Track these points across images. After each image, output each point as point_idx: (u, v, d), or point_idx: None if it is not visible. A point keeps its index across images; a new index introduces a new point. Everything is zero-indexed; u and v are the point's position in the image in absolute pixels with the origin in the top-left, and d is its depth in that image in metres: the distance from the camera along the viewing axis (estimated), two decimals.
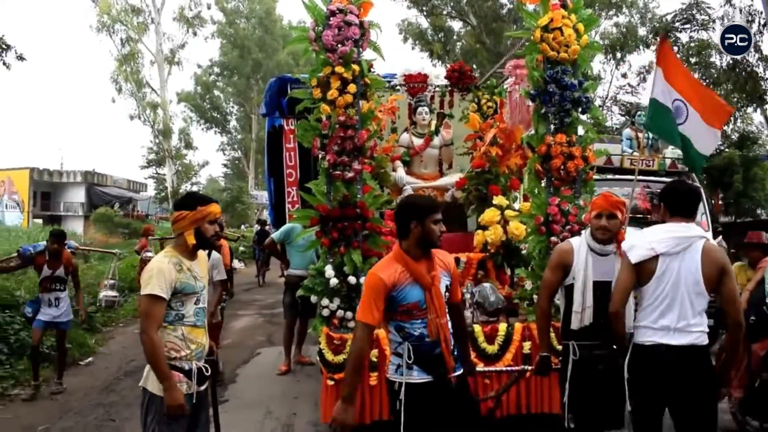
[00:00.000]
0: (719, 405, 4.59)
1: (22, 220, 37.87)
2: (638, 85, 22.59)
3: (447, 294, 3.26)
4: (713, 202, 13.64)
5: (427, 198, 3.61)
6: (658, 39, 6.02)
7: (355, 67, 5.15)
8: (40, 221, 36.86)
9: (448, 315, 3.25)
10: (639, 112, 10.97)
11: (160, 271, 3.10)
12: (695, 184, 9.43)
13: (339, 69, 5.09)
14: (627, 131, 10.65)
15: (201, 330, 3.30)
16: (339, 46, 5.09)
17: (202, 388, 3.26)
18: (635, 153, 9.83)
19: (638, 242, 3.42)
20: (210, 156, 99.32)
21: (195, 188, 38.33)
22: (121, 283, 12.98)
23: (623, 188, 8.81)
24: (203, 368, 3.25)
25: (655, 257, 3.34)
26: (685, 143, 5.49)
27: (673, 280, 3.31)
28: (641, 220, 7.77)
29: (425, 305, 3.13)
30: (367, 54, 5.39)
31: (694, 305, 3.31)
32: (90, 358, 8.39)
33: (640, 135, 10.00)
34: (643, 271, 3.37)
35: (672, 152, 9.33)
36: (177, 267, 3.17)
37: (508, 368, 4.93)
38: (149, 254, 10.74)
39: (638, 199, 7.84)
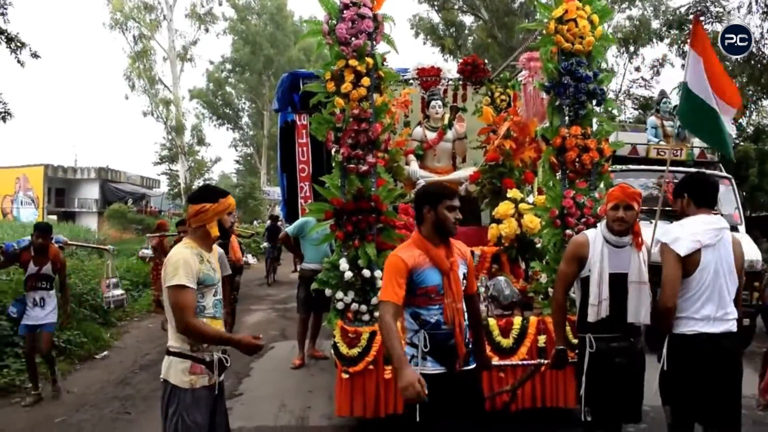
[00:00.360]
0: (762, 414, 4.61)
1: (37, 216, 38.14)
2: (651, 78, 22.52)
3: (464, 282, 3.29)
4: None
5: (444, 186, 3.60)
6: (692, 19, 5.83)
7: (369, 60, 5.13)
8: (54, 217, 37.11)
9: (464, 304, 3.27)
10: (664, 99, 10.37)
11: (186, 262, 3.11)
12: (724, 174, 9.20)
13: (353, 62, 5.08)
14: (652, 119, 10.13)
15: (219, 321, 3.33)
16: (353, 39, 5.08)
17: (221, 378, 3.29)
18: (661, 142, 9.51)
19: (681, 235, 3.45)
20: (222, 152, 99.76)
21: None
22: (133, 279, 13.10)
23: (650, 179, 8.62)
24: (223, 359, 3.28)
25: (699, 249, 3.42)
26: (720, 126, 5.31)
27: (713, 270, 3.43)
28: (670, 214, 7.34)
29: (443, 291, 3.16)
30: (380, 47, 5.38)
31: (730, 293, 3.47)
32: (105, 352, 8.45)
33: (666, 123, 9.70)
34: (689, 263, 3.43)
35: (701, 141, 8.81)
36: (198, 258, 3.19)
37: (523, 362, 4.92)
38: (147, 251, 10.74)
39: (668, 192, 7.49)
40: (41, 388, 6.37)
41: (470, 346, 3.30)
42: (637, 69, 23.28)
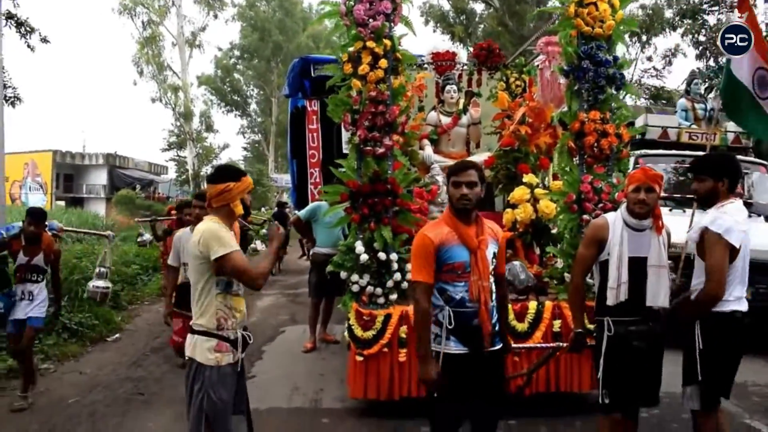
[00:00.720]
0: None
1: (46, 202, 38.30)
2: (663, 68, 22.33)
3: (494, 261, 3.28)
4: None
5: (456, 162, 3.59)
6: None
7: (387, 41, 5.09)
8: (62, 203, 37.27)
9: (493, 284, 3.26)
10: (695, 80, 10.04)
11: (225, 231, 3.20)
12: (759, 160, 9.03)
13: (370, 44, 5.03)
14: (682, 101, 9.72)
15: (242, 299, 3.39)
16: (370, 20, 5.03)
17: (243, 355, 3.31)
18: (693, 125, 9.23)
19: (731, 225, 3.47)
20: (230, 139, 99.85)
21: None
22: (143, 263, 13.12)
23: (682, 164, 8.25)
24: (246, 336, 3.31)
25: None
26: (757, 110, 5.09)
27: (743, 254, 3.55)
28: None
29: (470, 268, 3.16)
30: (397, 30, 5.33)
31: (748, 274, 3.62)
32: (117, 335, 8.48)
33: (697, 105, 9.46)
34: (735, 252, 3.51)
35: (735, 125, 8.51)
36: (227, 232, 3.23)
37: (538, 345, 4.92)
38: (145, 237, 10.68)
39: None
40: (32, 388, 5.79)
41: (496, 327, 3.29)
42: (649, 59, 23.14)
